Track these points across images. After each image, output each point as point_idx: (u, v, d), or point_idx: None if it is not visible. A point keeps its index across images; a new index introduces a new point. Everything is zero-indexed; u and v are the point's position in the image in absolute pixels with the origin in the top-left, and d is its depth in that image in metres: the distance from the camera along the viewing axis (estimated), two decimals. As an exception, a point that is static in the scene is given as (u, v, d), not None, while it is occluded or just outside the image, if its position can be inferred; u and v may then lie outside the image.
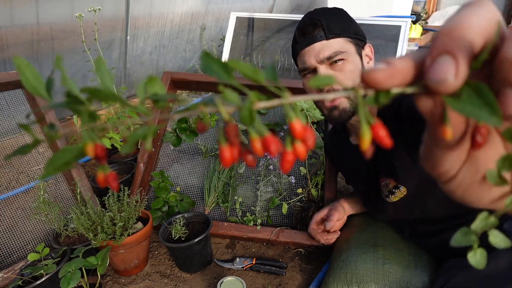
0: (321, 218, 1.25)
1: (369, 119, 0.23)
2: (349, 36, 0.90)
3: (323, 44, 0.88)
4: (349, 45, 0.90)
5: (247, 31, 2.68)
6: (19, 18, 1.95)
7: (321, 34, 0.88)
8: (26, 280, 1.09)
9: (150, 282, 1.26)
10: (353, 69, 0.90)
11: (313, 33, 0.89)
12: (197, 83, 1.80)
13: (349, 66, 0.89)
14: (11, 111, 1.48)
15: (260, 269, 1.27)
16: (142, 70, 3.03)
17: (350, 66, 0.89)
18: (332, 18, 0.89)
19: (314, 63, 0.91)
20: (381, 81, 0.22)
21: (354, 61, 0.90)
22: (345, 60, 0.89)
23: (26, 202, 1.40)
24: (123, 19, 2.58)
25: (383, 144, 0.23)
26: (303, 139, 0.23)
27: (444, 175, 0.26)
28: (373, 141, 0.23)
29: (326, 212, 1.25)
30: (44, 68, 2.22)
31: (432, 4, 5.96)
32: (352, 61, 0.90)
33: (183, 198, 1.48)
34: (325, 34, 0.88)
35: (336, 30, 0.88)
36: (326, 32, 0.88)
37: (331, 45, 0.88)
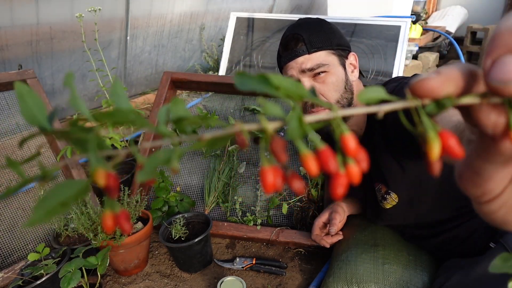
0: (323, 222, 1.25)
1: (435, 127, 0.20)
2: (331, 48, 0.91)
3: (305, 58, 0.90)
4: (332, 57, 0.91)
5: (247, 31, 2.68)
6: (19, 18, 1.95)
7: (303, 49, 0.89)
8: (26, 280, 1.09)
9: (150, 282, 1.26)
10: (335, 80, 0.91)
11: (295, 48, 0.90)
12: (197, 83, 1.80)
13: (332, 78, 0.90)
14: (11, 111, 1.48)
15: (260, 269, 1.27)
16: (142, 70, 3.03)
17: (332, 78, 0.90)
18: (313, 31, 0.91)
19: (297, 75, 0.92)
20: (434, 88, 0.21)
21: (337, 73, 0.91)
22: (328, 72, 0.90)
23: (26, 202, 1.40)
24: (123, 19, 2.58)
25: (454, 155, 0.20)
26: (357, 158, 0.20)
27: (487, 194, 0.24)
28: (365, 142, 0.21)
29: (327, 216, 1.24)
30: (43, 68, 2.22)
31: (432, 4, 5.96)
32: (335, 73, 0.91)
33: (183, 198, 1.48)
34: (307, 49, 0.89)
35: (317, 44, 0.89)
36: (308, 47, 0.89)
37: (313, 58, 0.89)
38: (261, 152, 0.20)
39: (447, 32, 4.90)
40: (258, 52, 2.61)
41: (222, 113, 1.76)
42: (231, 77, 1.80)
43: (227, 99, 1.80)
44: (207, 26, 3.53)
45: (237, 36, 2.64)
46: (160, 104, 1.71)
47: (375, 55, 2.22)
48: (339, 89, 0.91)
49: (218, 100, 1.81)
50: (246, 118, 1.73)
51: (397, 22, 2.22)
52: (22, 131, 1.50)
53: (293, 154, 1.60)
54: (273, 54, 2.58)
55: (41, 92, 1.53)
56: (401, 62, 2.12)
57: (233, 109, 1.77)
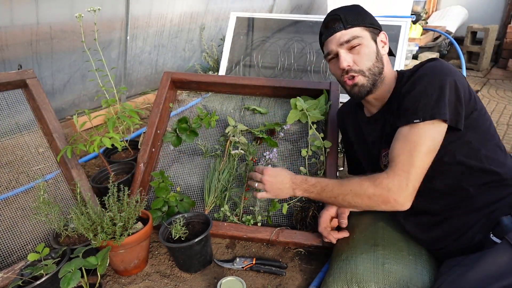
0: (331, 216, 1.29)
1: None
2: (364, 25, 1.07)
3: (342, 33, 1.07)
4: (365, 32, 1.07)
5: (247, 31, 2.68)
6: (19, 18, 1.95)
7: (340, 26, 1.07)
8: (26, 280, 1.09)
9: (150, 282, 1.26)
10: (368, 51, 1.06)
11: (333, 26, 1.08)
12: (197, 83, 1.80)
13: (365, 49, 1.06)
14: (11, 111, 1.48)
15: (260, 269, 1.27)
16: (142, 70, 3.03)
17: (365, 49, 1.06)
18: (348, 11, 1.09)
19: (336, 48, 1.08)
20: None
21: (369, 45, 1.07)
22: (361, 44, 1.06)
23: (26, 202, 1.39)
24: (123, 19, 2.58)
25: None
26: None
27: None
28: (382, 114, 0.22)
29: (335, 210, 1.29)
30: (43, 68, 2.22)
31: (432, 4, 5.96)
32: (367, 45, 1.07)
33: (183, 198, 1.48)
34: (343, 25, 1.06)
35: (352, 21, 1.06)
36: (344, 23, 1.06)
37: (349, 32, 1.06)
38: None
39: (447, 32, 4.90)
40: (258, 52, 2.61)
41: (222, 113, 1.76)
42: (231, 77, 1.79)
43: (227, 99, 1.80)
44: (207, 26, 3.53)
45: (237, 36, 2.64)
46: (160, 104, 1.71)
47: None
48: (371, 59, 1.07)
49: (218, 100, 1.81)
50: (246, 118, 1.72)
51: (397, 22, 2.22)
52: (22, 131, 1.49)
53: (294, 154, 1.60)
54: (273, 54, 2.58)
55: (41, 92, 1.53)
56: (401, 62, 2.11)
57: (233, 109, 1.77)
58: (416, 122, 0.94)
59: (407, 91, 1.00)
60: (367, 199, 0.99)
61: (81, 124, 1.52)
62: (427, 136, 0.94)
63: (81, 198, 1.38)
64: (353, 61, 1.06)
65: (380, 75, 1.08)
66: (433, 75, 0.97)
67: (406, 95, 0.99)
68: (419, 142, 0.94)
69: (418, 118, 0.94)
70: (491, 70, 4.38)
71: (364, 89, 1.08)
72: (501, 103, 3.20)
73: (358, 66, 1.06)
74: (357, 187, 1.02)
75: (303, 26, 2.57)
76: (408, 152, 0.95)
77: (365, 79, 1.07)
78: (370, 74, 1.06)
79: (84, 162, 2.14)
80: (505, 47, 4.46)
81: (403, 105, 0.99)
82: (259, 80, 1.73)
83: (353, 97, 1.14)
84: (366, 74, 1.06)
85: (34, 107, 1.52)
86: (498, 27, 4.63)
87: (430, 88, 0.95)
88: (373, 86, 1.08)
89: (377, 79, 1.08)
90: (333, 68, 1.14)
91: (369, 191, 0.98)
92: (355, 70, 1.06)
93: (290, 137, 1.64)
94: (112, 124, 1.52)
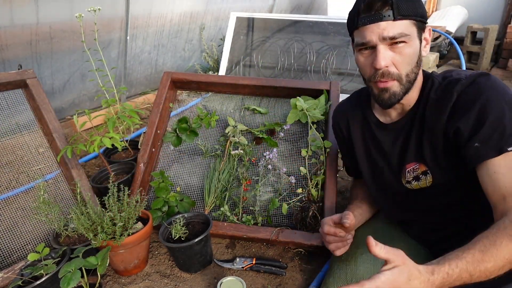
0: (333, 221, 1.10)
1: None
2: (415, 19, 0.88)
3: (389, 24, 0.85)
4: (413, 28, 0.88)
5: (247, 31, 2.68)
6: (19, 18, 1.95)
7: (389, 13, 0.85)
8: (26, 280, 1.09)
9: (150, 282, 1.26)
10: (412, 53, 0.89)
11: (380, 11, 0.85)
12: (197, 83, 1.80)
13: (409, 50, 0.88)
14: (11, 111, 1.48)
15: (260, 269, 1.27)
16: (141, 70, 3.03)
17: (410, 49, 0.88)
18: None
19: (376, 40, 0.87)
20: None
21: (414, 45, 0.89)
22: (407, 43, 0.87)
23: (26, 202, 1.40)
24: (123, 19, 2.58)
25: None
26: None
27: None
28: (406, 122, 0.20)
29: (338, 216, 1.11)
30: (43, 68, 2.22)
31: (432, 4, 5.96)
32: (413, 45, 0.88)
33: (183, 198, 1.48)
34: (393, 14, 0.84)
35: (404, 11, 0.85)
36: (395, 12, 0.84)
37: (397, 26, 0.85)
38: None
39: (447, 32, 4.90)
40: (258, 52, 2.61)
41: (222, 113, 1.76)
42: (231, 77, 1.79)
43: (227, 99, 1.80)
44: (207, 26, 3.53)
45: (237, 36, 2.64)
46: (160, 104, 1.71)
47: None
48: (412, 63, 0.90)
49: (218, 100, 1.81)
50: (246, 118, 1.72)
51: (397, 22, 2.22)
52: (22, 131, 1.49)
53: (294, 154, 1.60)
54: (273, 54, 2.58)
55: (41, 92, 1.53)
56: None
57: (233, 109, 1.77)
58: (510, 150, 0.80)
59: (479, 118, 0.83)
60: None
61: (81, 124, 1.52)
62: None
63: (81, 198, 1.38)
64: (392, 61, 0.88)
65: (414, 81, 0.93)
66: (497, 92, 0.84)
67: (479, 122, 0.83)
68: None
69: (510, 146, 0.80)
70: (491, 70, 4.38)
71: (396, 98, 0.92)
72: (501, 103, 3.20)
73: (397, 69, 0.89)
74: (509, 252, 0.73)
75: (303, 26, 2.57)
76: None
77: (400, 87, 0.91)
78: (407, 81, 0.91)
79: (84, 162, 2.14)
80: (505, 47, 4.46)
81: (479, 135, 0.82)
82: (259, 80, 1.73)
83: (379, 102, 0.96)
84: (403, 81, 0.90)
85: (34, 107, 1.53)
86: (498, 27, 4.63)
87: (507, 108, 0.82)
88: (404, 94, 0.93)
89: (410, 87, 0.93)
90: (362, 61, 0.93)
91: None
92: (392, 74, 0.89)
93: (290, 137, 1.64)
94: (112, 124, 1.52)
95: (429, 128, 0.93)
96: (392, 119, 1.03)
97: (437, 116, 0.91)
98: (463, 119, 0.85)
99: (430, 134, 0.94)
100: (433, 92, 0.94)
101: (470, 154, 0.84)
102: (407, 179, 1.01)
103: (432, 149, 0.94)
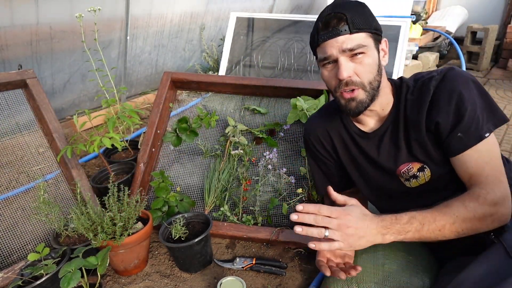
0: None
1: None
2: (370, 31, 0.94)
3: (346, 37, 0.92)
4: (369, 40, 0.94)
5: (247, 31, 2.68)
6: (19, 18, 1.95)
7: (345, 28, 0.91)
8: (26, 280, 1.09)
9: (150, 282, 1.26)
10: (371, 62, 0.95)
11: (337, 27, 0.92)
12: (197, 83, 1.80)
13: (368, 60, 0.94)
14: (11, 111, 1.48)
15: (260, 269, 1.27)
16: (142, 70, 3.03)
17: (369, 59, 0.94)
18: (356, 12, 0.93)
19: (337, 54, 0.93)
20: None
21: (373, 55, 0.95)
22: (365, 53, 0.93)
23: (26, 202, 1.40)
24: (123, 19, 2.58)
25: None
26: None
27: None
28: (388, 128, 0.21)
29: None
30: (43, 68, 2.22)
31: (432, 4, 5.96)
32: (371, 55, 0.94)
33: (183, 198, 1.48)
34: (349, 28, 0.91)
35: (359, 25, 0.92)
36: (351, 26, 0.91)
37: (354, 39, 0.92)
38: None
39: (447, 32, 4.90)
40: (258, 52, 2.61)
41: (222, 113, 1.76)
42: (231, 77, 1.80)
43: (227, 99, 1.81)
44: (207, 26, 3.53)
45: (237, 36, 2.64)
46: (160, 104, 1.71)
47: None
48: (373, 71, 0.95)
49: (218, 100, 1.81)
50: (246, 118, 1.73)
51: (397, 22, 2.22)
52: (22, 131, 1.50)
53: (294, 154, 1.60)
54: (273, 54, 2.58)
55: (41, 92, 1.53)
56: (401, 62, 2.12)
57: (233, 109, 1.77)
58: (486, 137, 0.90)
59: (458, 110, 0.91)
60: (477, 221, 0.86)
61: (81, 124, 1.53)
62: (495, 143, 0.92)
63: (81, 198, 1.38)
64: (354, 71, 0.93)
65: (378, 89, 0.97)
66: (467, 85, 0.92)
67: (459, 114, 0.91)
68: (493, 150, 0.91)
69: (486, 133, 0.90)
70: (491, 70, 4.38)
71: (362, 105, 0.97)
72: (501, 103, 3.20)
73: (360, 78, 0.94)
74: (462, 210, 0.86)
75: (303, 26, 2.58)
76: (491, 162, 0.90)
77: (365, 94, 0.96)
78: (370, 89, 0.95)
79: (84, 162, 2.14)
80: (505, 47, 4.46)
81: (461, 126, 0.90)
82: (259, 80, 1.73)
83: (347, 112, 1.00)
84: (367, 88, 0.95)
85: (34, 107, 1.53)
86: (498, 27, 4.63)
87: (477, 99, 0.91)
88: (371, 101, 0.97)
89: (376, 94, 0.97)
90: (327, 75, 0.99)
91: (478, 212, 0.85)
92: (356, 82, 0.94)
93: (290, 137, 1.64)
94: (112, 124, 1.52)
95: (413, 127, 0.98)
96: (373, 128, 1.07)
97: (418, 113, 0.97)
98: (442, 113, 0.92)
99: (415, 132, 0.98)
100: (410, 94, 0.99)
101: (454, 143, 0.92)
102: (405, 177, 1.03)
103: (421, 145, 0.98)
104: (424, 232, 0.86)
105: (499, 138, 2.45)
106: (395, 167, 1.04)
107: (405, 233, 0.86)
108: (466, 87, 0.91)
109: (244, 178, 1.52)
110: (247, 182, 1.53)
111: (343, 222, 0.84)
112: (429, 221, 0.86)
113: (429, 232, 0.86)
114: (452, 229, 0.86)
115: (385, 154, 1.05)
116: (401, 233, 0.86)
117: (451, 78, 0.93)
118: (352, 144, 1.12)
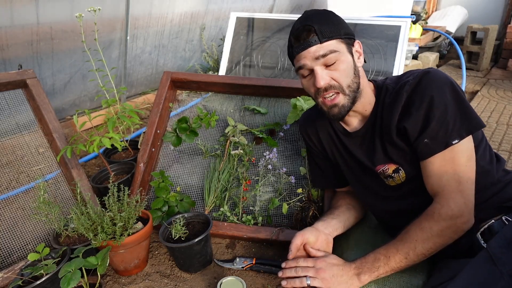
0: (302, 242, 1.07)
1: None
2: (340, 37, 0.97)
3: (317, 47, 0.96)
4: (341, 45, 0.97)
5: (247, 31, 2.68)
6: (19, 18, 1.95)
7: (315, 39, 0.95)
8: (26, 280, 1.09)
9: (150, 282, 1.26)
10: (346, 67, 0.98)
11: (307, 39, 0.96)
12: (197, 83, 1.80)
13: (343, 65, 0.97)
14: (11, 111, 1.48)
15: (260, 269, 1.27)
16: (142, 70, 3.03)
17: (343, 64, 0.97)
18: (323, 22, 0.97)
19: (311, 63, 0.97)
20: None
21: (347, 59, 0.98)
22: (339, 60, 0.96)
23: (26, 202, 1.40)
24: (123, 19, 2.58)
25: None
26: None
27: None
28: (367, 129, 0.22)
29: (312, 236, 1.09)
30: (43, 68, 2.22)
31: (432, 4, 5.96)
32: (345, 60, 0.97)
33: (183, 198, 1.48)
34: (319, 39, 0.95)
35: (328, 34, 0.96)
36: (320, 37, 0.95)
37: (325, 46, 0.96)
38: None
39: (447, 32, 4.90)
40: (258, 52, 2.62)
41: (222, 113, 1.76)
42: (231, 77, 1.80)
43: (227, 99, 1.80)
44: (208, 26, 3.53)
45: (237, 36, 2.64)
46: (160, 104, 1.71)
47: (375, 55, 2.23)
48: (350, 75, 0.98)
49: (218, 100, 1.81)
50: (246, 118, 1.73)
51: (397, 22, 2.22)
52: (22, 131, 1.50)
53: (294, 154, 1.60)
54: (273, 54, 2.59)
55: (41, 92, 1.53)
56: (401, 62, 2.12)
57: (233, 109, 1.77)
58: (455, 143, 0.90)
59: (427, 115, 0.92)
60: (437, 238, 0.89)
61: (81, 124, 1.53)
62: (467, 150, 0.91)
63: (81, 198, 1.38)
64: (331, 78, 0.97)
65: (358, 90, 1.00)
66: (441, 89, 0.92)
67: (427, 119, 0.92)
68: (459, 157, 0.90)
69: (455, 139, 0.90)
70: (491, 70, 4.38)
71: (345, 109, 1.00)
72: (501, 103, 3.20)
73: (338, 82, 0.97)
74: (419, 233, 0.90)
75: (303, 26, 2.57)
76: (451, 171, 0.90)
77: (345, 98, 0.99)
78: (350, 92, 0.98)
79: (84, 162, 2.14)
80: (505, 47, 4.46)
81: (428, 132, 0.91)
82: (259, 80, 1.73)
83: (330, 118, 1.04)
84: (346, 92, 0.98)
85: (34, 107, 1.53)
86: (498, 27, 4.63)
87: (449, 104, 0.90)
88: (352, 104, 1.00)
89: (356, 95, 1.00)
90: (305, 83, 1.03)
91: (434, 229, 0.89)
92: (334, 86, 0.97)
93: (290, 137, 1.64)
94: (112, 124, 1.52)
95: (386, 130, 1.01)
96: (356, 127, 1.10)
97: (391, 118, 0.98)
98: (411, 117, 0.94)
99: (387, 135, 1.01)
100: (388, 97, 1.02)
101: (421, 148, 0.94)
102: (384, 176, 1.07)
103: (395, 148, 1.01)
104: (392, 264, 0.93)
105: (499, 138, 2.45)
106: (373, 167, 1.08)
107: (377, 269, 0.94)
108: (439, 91, 0.92)
109: (244, 178, 1.52)
110: (247, 182, 1.53)
111: (320, 268, 0.95)
112: (393, 252, 0.93)
113: (397, 262, 0.92)
114: (417, 253, 0.91)
115: (365, 153, 1.09)
116: (373, 270, 0.94)
117: (425, 82, 0.94)
118: (338, 142, 1.18)
